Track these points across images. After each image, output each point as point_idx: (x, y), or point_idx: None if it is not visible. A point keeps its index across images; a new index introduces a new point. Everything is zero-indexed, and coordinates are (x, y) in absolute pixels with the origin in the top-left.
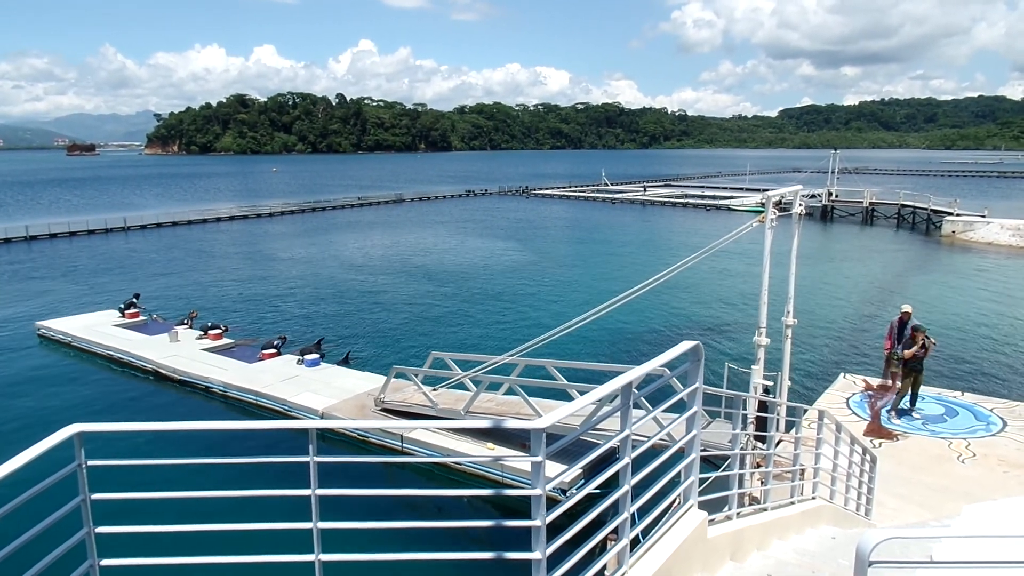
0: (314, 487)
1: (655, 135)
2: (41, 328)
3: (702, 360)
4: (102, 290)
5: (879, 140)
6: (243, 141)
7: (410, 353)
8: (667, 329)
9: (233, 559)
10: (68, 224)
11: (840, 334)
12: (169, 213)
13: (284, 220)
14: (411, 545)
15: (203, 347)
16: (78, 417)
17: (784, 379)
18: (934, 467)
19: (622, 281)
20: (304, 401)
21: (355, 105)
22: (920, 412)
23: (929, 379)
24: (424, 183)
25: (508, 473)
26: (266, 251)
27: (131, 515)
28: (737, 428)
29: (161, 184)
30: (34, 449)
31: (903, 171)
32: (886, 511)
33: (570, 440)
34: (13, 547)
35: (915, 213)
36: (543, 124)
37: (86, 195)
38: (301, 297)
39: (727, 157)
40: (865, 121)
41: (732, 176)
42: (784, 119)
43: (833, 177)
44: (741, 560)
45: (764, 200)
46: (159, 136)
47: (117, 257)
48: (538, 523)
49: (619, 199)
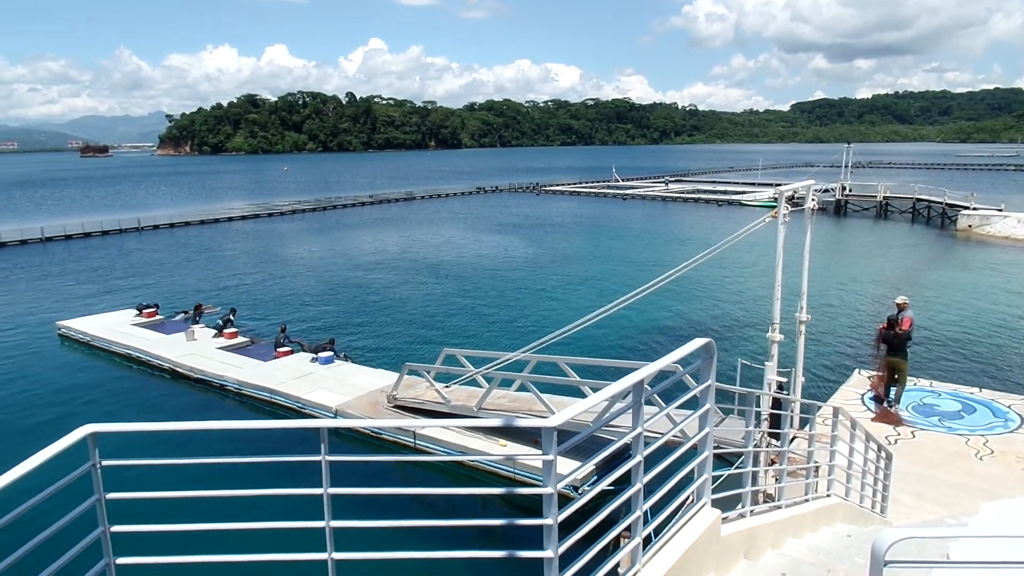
0: (326, 486)
1: (666, 130)
2: (61, 328)
3: (714, 357)
4: (118, 290)
5: (893, 133)
6: (254, 141)
7: (423, 350)
8: (680, 325)
9: (246, 558)
10: (82, 225)
11: (854, 330)
12: (182, 213)
13: (296, 219)
14: (423, 543)
15: (219, 345)
16: (98, 414)
17: (798, 375)
18: (951, 464)
19: (634, 277)
20: (318, 398)
21: (365, 103)
22: (936, 408)
23: (946, 375)
24: (434, 180)
25: (521, 470)
26: (278, 250)
27: (145, 514)
28: (751, 425)
29: (174, 184)
30: (49, 450)
31: (918, 164)
32: (902, 509)
33: (582, 438)
34: (30, 546)
35: (930, 207)
36: (553, 120)
37: (100, 196)
38: (313, 295)
39: (739, 152)
40: (879, 114)
41: (744, 171)
42: (796, 113)
43: (846, 171)
44: (755, 558)
45: (776, 195)
46: (171, 137)
47: (131, 257)
48: (550, 521)
49: (630, 195)
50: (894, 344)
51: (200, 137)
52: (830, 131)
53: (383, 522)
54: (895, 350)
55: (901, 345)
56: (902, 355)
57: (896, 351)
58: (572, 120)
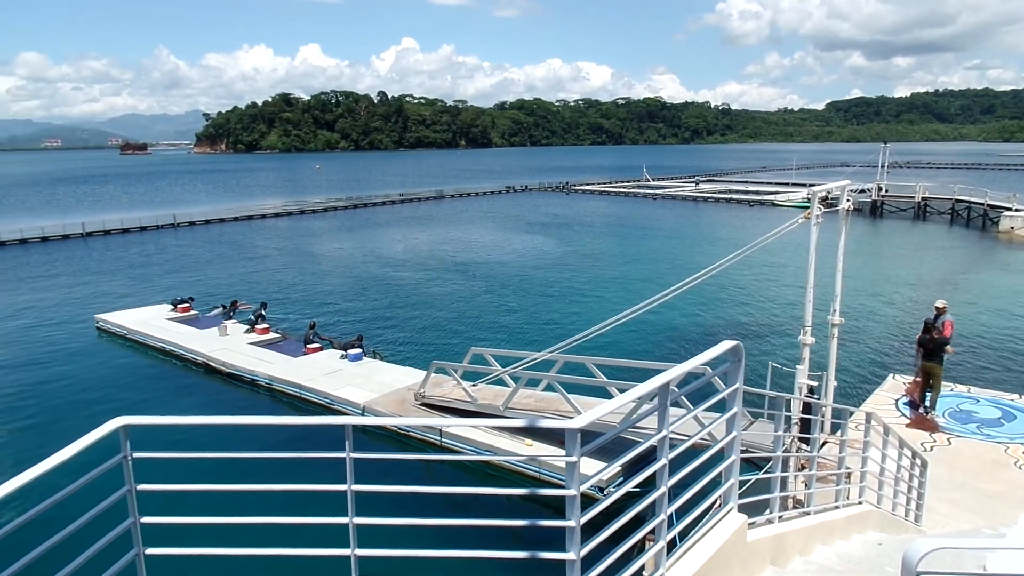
0: (350, 482)
1: (697, 129)
2: (100, 321)
3: (742, 360)
4: (154, 285)
5: (932, 132)
6: (288, 139)
7: (450, 348)
8: (710, 326)
9: (272, 551)
10: (121, 221)
11: (890, 333)
12: (217, 210)
13: (327, 216)
14: (445, 541)
15: (250, 341)
16: (132, 404)
17: (830, 379)
18: (989, 472)
19: (663, 278)
20: (346, 395)
21: (397, 103)
22: (975, 415)
23: (985, 380)
24: (464, 179)
25: (547, 470)
26: (310, 247)
27: (174, 506)
28: (779, 429)
29: (210, 182)
30: (82, 441)
31: (958, 164)
32: (937, 517)
33: (607, 439)
34: (63, 534)
35: (970, 208)
36: (583, 120)
37: (138, 193)
38: (343, 292)
39: (772, 151)
40: (917, 113)
41: (777, 171)
42: (832, 112)
43: (883, 171)
44: (783, 565)
45: (809, 195)
46: (207, 135)
47: (167, 253)
48: (572, 523)
49: (660, 195)
50: (929, 348)
51: (235, 135)
52: (867, 130)
53: (406, 520)
54: (930, 355)
55: (936, 350)
56: (937, 360)
57: (931, 356)
58: (603, 119)
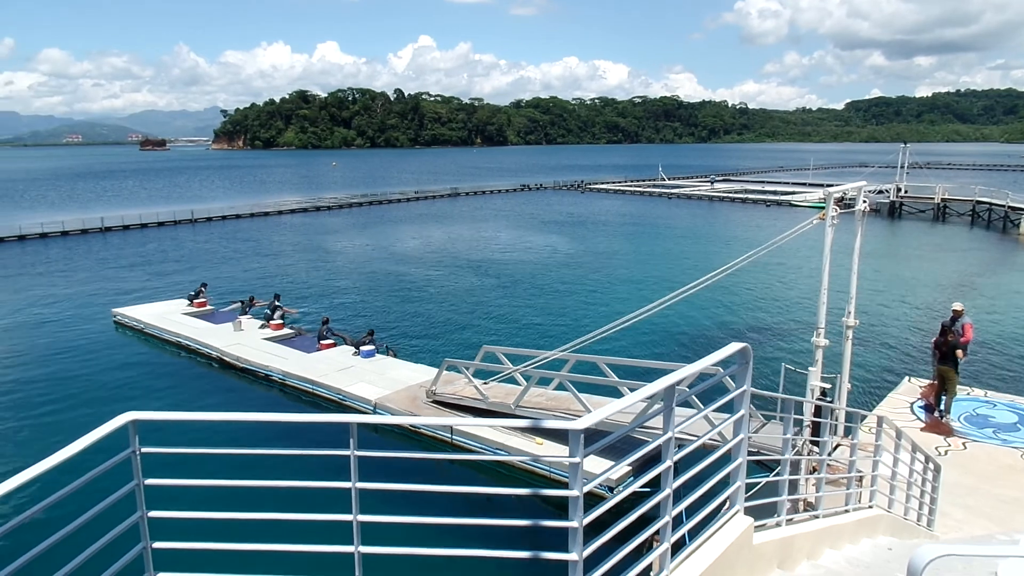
0: (354, 480)
1: (714, 129)
2: (117, 315)
3: (750, 362)
4: (171, 279)
5: (953, 133)
6: (304, 136)
7: (462, 346)
8: (723, 327)
9: (277, 547)
10: (140, 216)
11: (905, 336)
12: (234, 206)
13: (342, 213)
14: (449, 539)
15: (264, 336)
16: (146, 398)
17: (843, 382)
18: (1005, 477)
19: (676, 278)
20: (358, 391)
21: (413, 100)
22: (991, 420)
23: (1002, 385)
24: (479, 177)
25: (556, 469)
26: (324, 243)
27: (181, 500)
28: (789, 432)
29: (227, 178)
30: (91, 435)
31: (979, 165)
32: (950, 522)
33: (613, 439)
34: (72, 527)
35: (991, 210)
36: (599, 118)
37: (157, 188)
38: (357, 288)
39: (789, 151)
40: (938, 113)
41: (794, 171)
42: (851, 112)
43: (902, 172)
44: (790, 568)
45: (825, 196)
46: (225, 132)
47: (184, 248)
48: (575, 524)
49: (675, 194)
50: (943, 351)
51: (253, 132)
52: (886, 130)
53: (409, 518)
54: (945, 358)
55: (950, 353)
56: (952, 363)
57: (946, 359)
58: (619, 118)
